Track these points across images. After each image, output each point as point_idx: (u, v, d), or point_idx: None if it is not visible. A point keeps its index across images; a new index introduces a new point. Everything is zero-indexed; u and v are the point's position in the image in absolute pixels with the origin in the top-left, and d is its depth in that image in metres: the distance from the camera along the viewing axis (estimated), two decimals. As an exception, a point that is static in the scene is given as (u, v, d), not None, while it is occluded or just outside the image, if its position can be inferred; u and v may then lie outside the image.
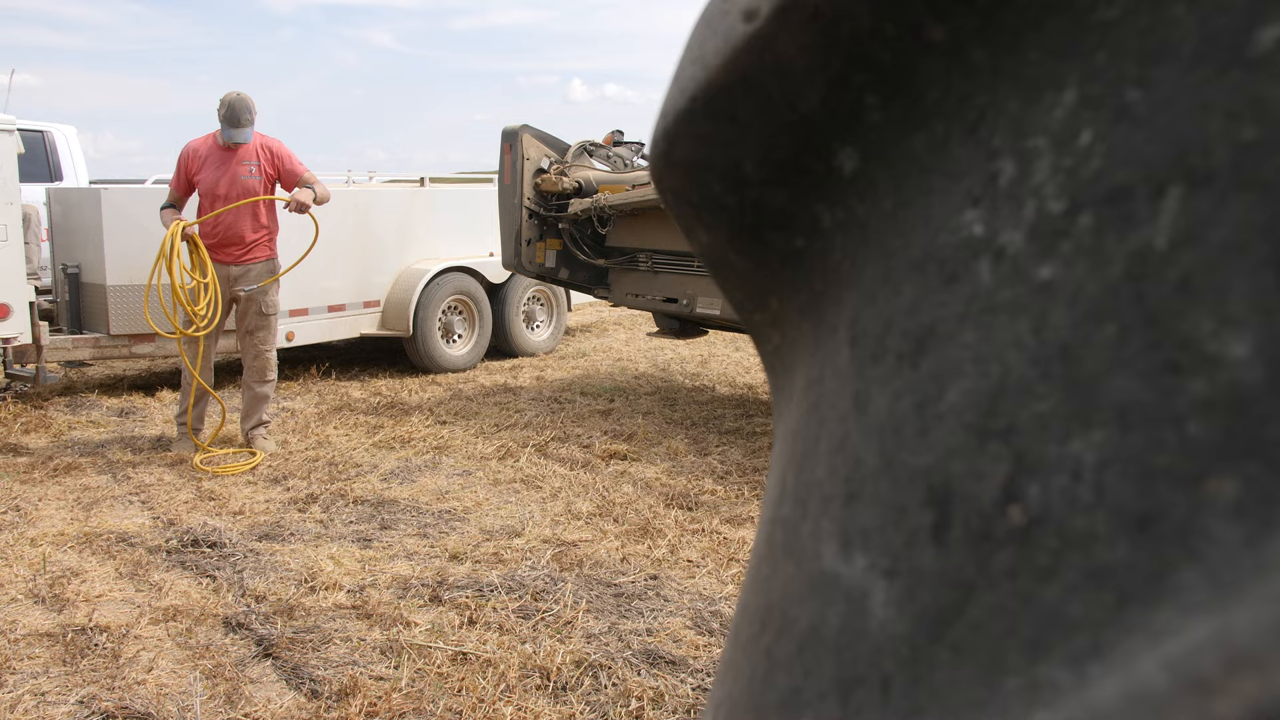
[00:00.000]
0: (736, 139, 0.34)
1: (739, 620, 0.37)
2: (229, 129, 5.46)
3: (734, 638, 0.37)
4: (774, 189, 0.35)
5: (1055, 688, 0.20)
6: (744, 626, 0.35)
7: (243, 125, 5.43)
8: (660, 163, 0.37)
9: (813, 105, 0.32)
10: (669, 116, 0.35)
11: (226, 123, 5.46)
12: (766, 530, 0.36)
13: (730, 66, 0.33)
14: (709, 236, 0.38)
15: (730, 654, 0.37)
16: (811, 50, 0.31)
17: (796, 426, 0.36)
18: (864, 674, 0.25)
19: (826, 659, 0.27)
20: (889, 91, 0.31)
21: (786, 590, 0.31)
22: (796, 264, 0.36)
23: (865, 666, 0.25)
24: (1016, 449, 0.24)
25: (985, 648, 0.22)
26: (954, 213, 0.29)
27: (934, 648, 0.24)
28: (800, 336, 0.38)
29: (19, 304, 5.52)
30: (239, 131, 5.45)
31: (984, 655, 0.22)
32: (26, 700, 2.98)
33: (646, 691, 3.00)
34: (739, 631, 0.36)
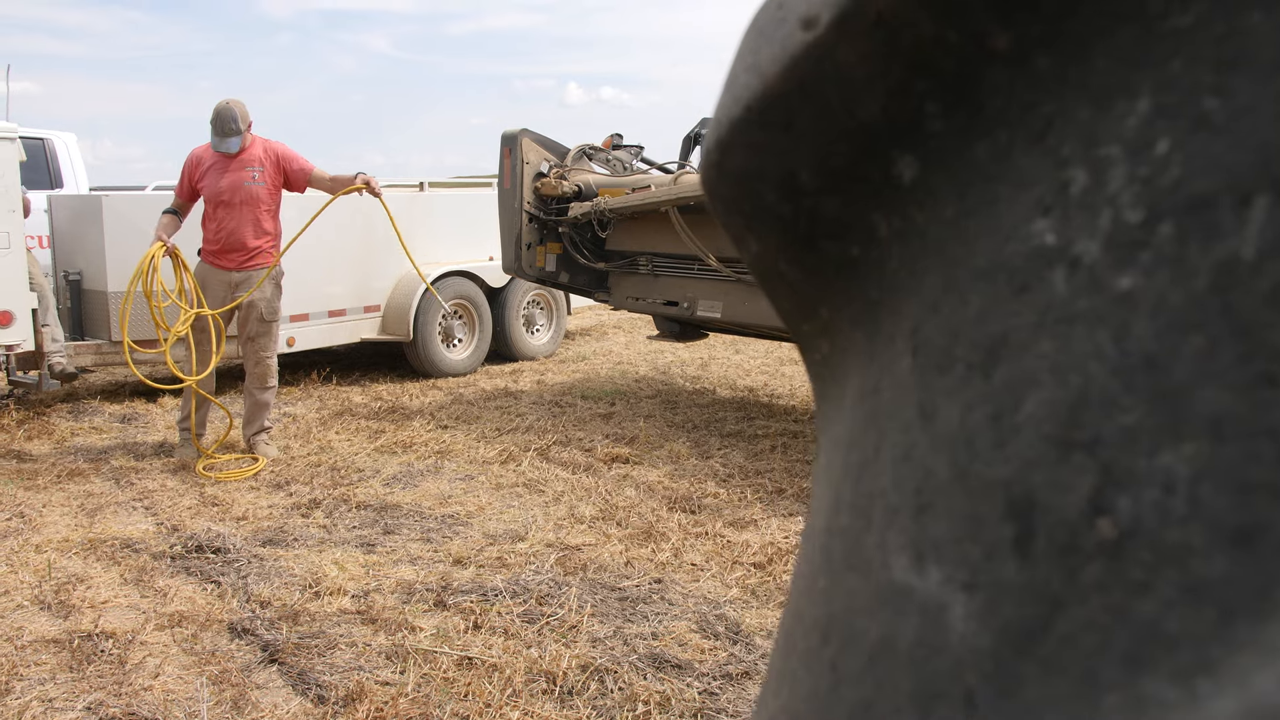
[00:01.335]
0: (793, 148, 0.34)
1: (793, 632, 0.36)
2: (216, 138, 5.46)
3: (787, 649, 0.37)
4: (830, 198, 0.35)
5: (1163, 704, 0.20)
6: (801, 638, 0.35)
7: (229, 134, 5.42)
8: (713, 172, 0.36)
9: (872, 113, 0.32)
10: (723, 125, 0.35)
11: (215, 131, 5.46)
12: (821, 541, 0.36)
13: (788, 75, 0.32)
14: (760, 246, 0.38)
15: (784, 666, 0.36)
16: (872, 58, 0.31)
17: (851, 436, 0.35)
18: (945, 688, 0.25)
19: (901, 672, 0.27)
20: (951, 100, 0.31)
21: (851, 602, 0.31)
22: (850, 273, 0.36)
23: (946, 680, 0.25)
24: (1103, 461, 0.24)
25: (1079, 662, 0.22)
26: (1023, 222, 0.29)
27: (1021, 662, 0.23)
28: (851, 346, 0.37)
29: (21, 311, 5.51)
30: (227, 140, 5.44)
31: (1078, 670, 0.22)
32: (34, 707, 2.97)
33: (653, 695, 3.00)
34: (795, 643, 0.36)
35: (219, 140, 5.44)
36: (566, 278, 6.93)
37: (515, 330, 8.57)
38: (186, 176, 5.61)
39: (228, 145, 5.44)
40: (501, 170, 6.76)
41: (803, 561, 0.39)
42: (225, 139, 5.43)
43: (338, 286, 7.51)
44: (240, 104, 5.48)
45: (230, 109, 5.41)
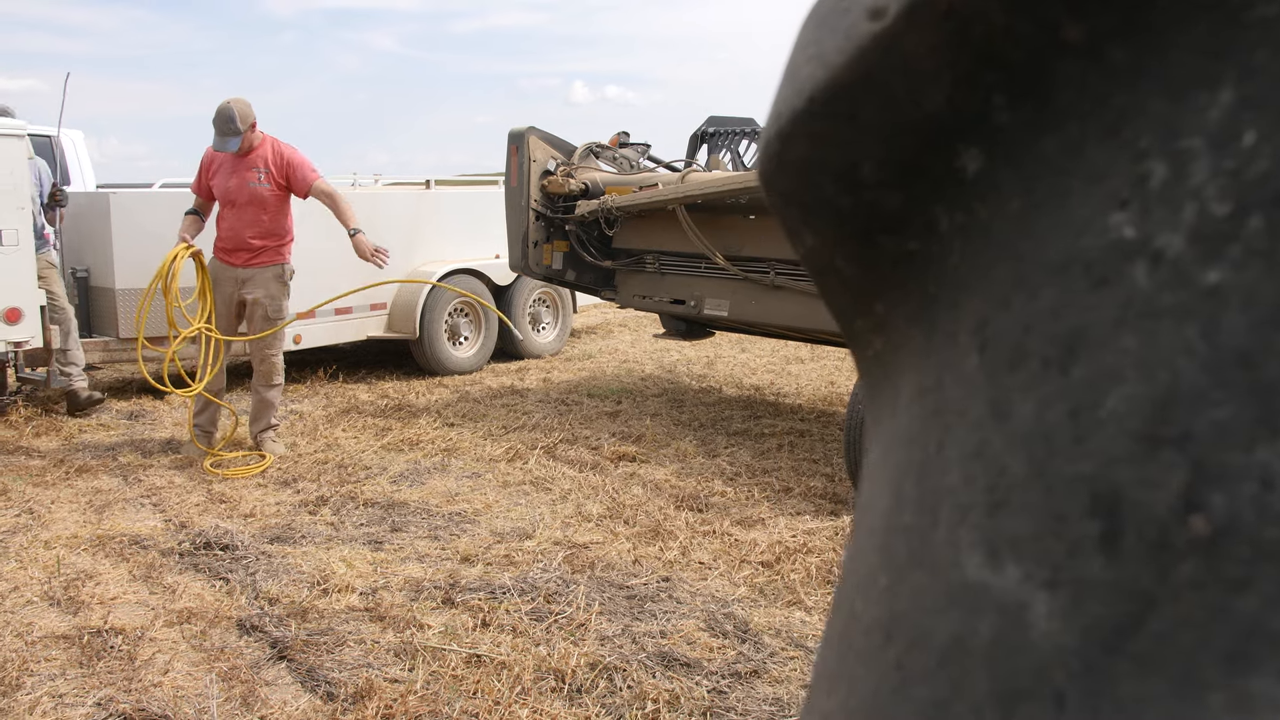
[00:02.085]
0: (855, 139, 0.34)
1: (848, 630, 0.36)
2: (217, 138, 5.46)
3: (842, 649, 0.36)
4: (891, 191, 0.34)
5: (1272, 702, 0.20)
6: (860, 637, 0.34)
7: (229, 134, 5.40)
8: (771, 164, 0.36)
9: (938, 105, 0.32)
10: (783, 117, 0.34)
11: (215, 131, 5.46)
12: (880, 539, 0.35)
13: (853, 65, 0.32)
14: (816, 240, 0.37)
15: (839, 666, 0.36)
16: (940, 49, 0.31)
17: (910, 433, 0.35)
18: (1029, 687, 0.25)
19: (979, 671, 0.27)
20: (1019, 92, 0.31)
21: (917, 601, 0.31)
22: (908, 268, 0.36)
23: (1029, 679, 0.25)
24: (1194, 457, 0.23)
25: (1176, 660, 0.22)
26: (1098, 215, 0.28)
27: (1113, 660, 0.23)
28: (907, 342, 0.37)
29: (30, 308, 5.52)
30: (226, 140, 5.42)
31: (1175, 668, 0.22)
32: (45, 702, 2.98)
33: (662, 694, 3.00)
34: (851, 642, 0.35)
35: (219, 140, 5.43)
36: (573, 276, 6.93)
37: (521, 328, 8.57)
38: (202, 174, 5.63)
39: (227, 145, 5.43)
40: (508, 168, 6.76)
41: (856, 559, 0.38)
42: (224, 139, 5.42)
43: (344, 284, 7.50)
44: (243, 103, 5.46)
45: (230, 109, 5.40)
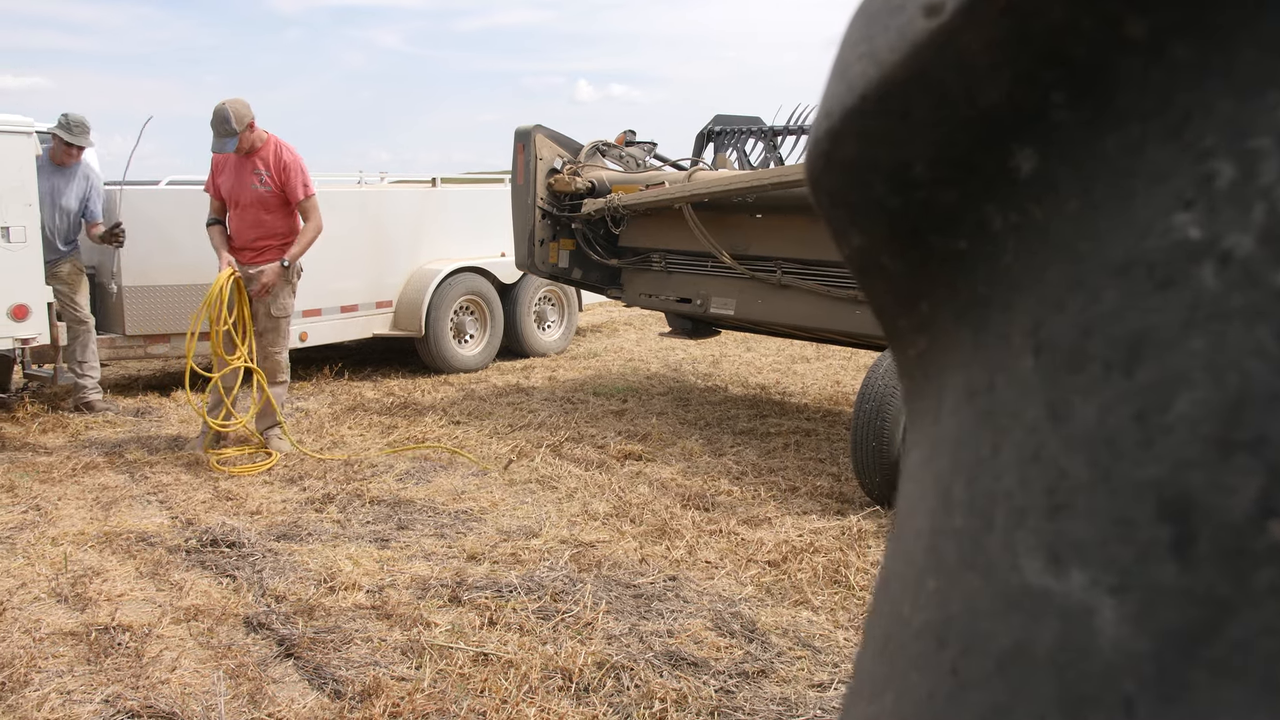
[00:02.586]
0: (908, 138, 0.33)
1: (893, 634, 0.36)
2: (214, 139, 5.46)
3: (888, 653, 0.36)
4: (943, 189, 0.34)
5: None
6: (909, 642, 0.34)
7: (225, 135, 5.39)
8: (820, 163, 0.36)
9: (994, 103, 0.32)
10: (834, 115, 0.34)
11: (213, 133, 5.46)
12: (928, 542, 0.35)
13: (908, 62, 0.32)
14: (863, 240, 0.37)
15: (884, 670, 0.36)
16: (999, 46, 0.30)
17: (958, 435, 0.35)
18: (1097, 693, 0.24)
19: (1042, 677, 0.26)
20: (1078, 90, 0.30)
21: (973, 605, 0.30)
22: (957, 267, 0.35)
23: (1097, 685, 0.25)
24: (1270, 461, 0.23)
25: (1259, 667, 0.22)
26: (1161, 216, 0.28)
27: (1189, 667, 0.23)
28: (954, 342, 0.37)
29: (37, 305, 5.53)
30: (222, 141, 5.42)
31: (1257, 675, 0.22)
32: (53, 699, 2.98)
33: (669, 693, 2.99)
34: (898, 646, 0.35)
35: (217, 142, 5.43)
36: (579, 274, 6.93)
37: (527, 326, 8.58)
38: (212, 176, 5.65)
39: (225, 146, 5.42)
40: (515, 166, 6.76)
41: (900, 562, 0.38)
42: (221, 140, 5.41)
43: (350, 282, 7.52)
44: (239, 103, 5.44)
45: (225, 110, 5.38)
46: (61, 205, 6.25)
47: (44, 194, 6.12)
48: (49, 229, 6.18)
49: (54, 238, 6.24)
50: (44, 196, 6.12)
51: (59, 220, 6.26)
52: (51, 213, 6.19)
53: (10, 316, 5.43)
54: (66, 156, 6.23)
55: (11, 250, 5.42)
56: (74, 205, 6.30)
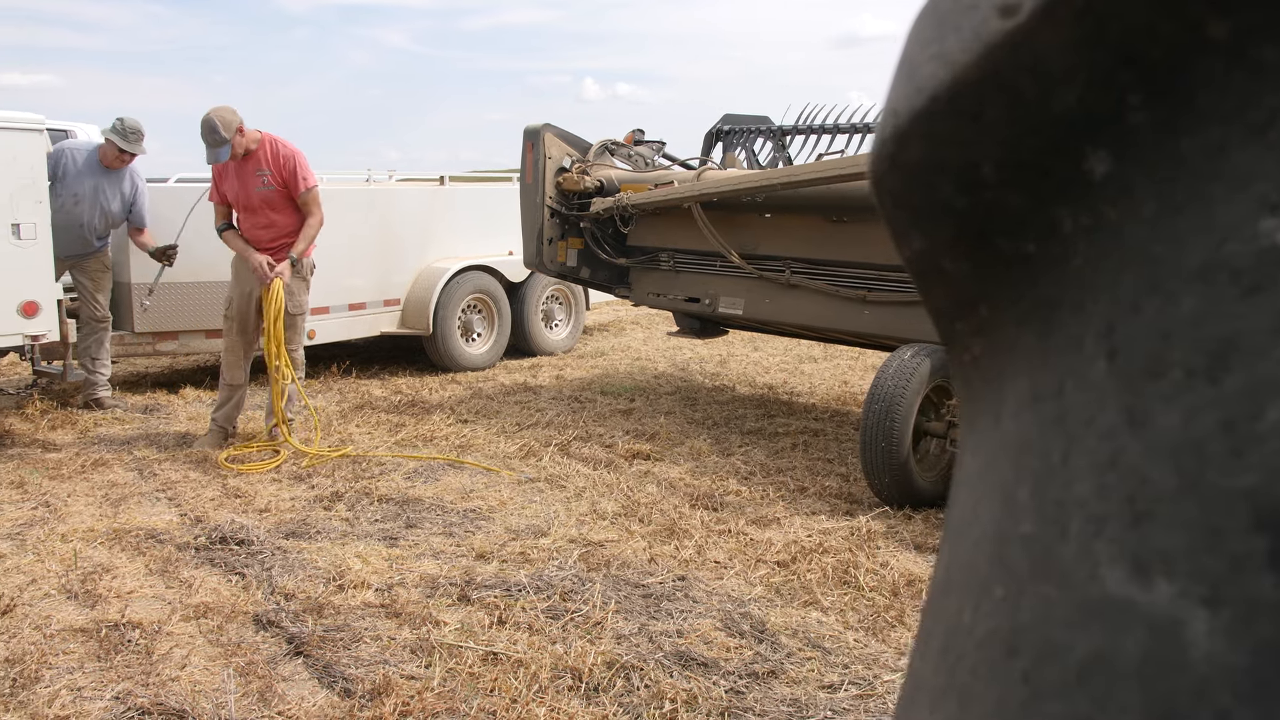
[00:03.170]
0: (977, 139, 0.33)
1: (955, 642, 0.35)
2: (207, 151, 5.46)
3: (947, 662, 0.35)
4: (1011, 192, 0.33)
5: None
6: (973, 650, 0.34)
7: (216, 144, 5.40)
8: (885, 164, 0.35)
9: (1068, 105, 0.31)
10: (902, 115, 0.34)
11: (205, 145, 5.47)
12: (991, 549, 0.34)
13: (980, 64, 0.31)
14: (925, 242, 0.37)
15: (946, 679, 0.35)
16: (1075, 47, 0.30)
17: (1023, 440, 0.34)
18: (1189, 707, 0.24)
19: (1127, 689, 0.26)
20: (1156, 91, 0.30)
21: (1046, 614, 0.30)
22: (1023, 270, 0.35)
23: (1189, 699, 0.24)
24: None
25: None
26: (1245, 221, 0.27)
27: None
28: (1016, 346, 0.36)
29: (47, 302, 5.53)
30: (215, 151, 5.42)
31: None
32: (64, 695, 2.98)
33: (680, 694, 2.99)
34: (960, 655, 0.34)
35: (210, 153, 5.45)
36: (588, 273, 6.92)
37: (534, 325, 8.58)
38: (215, 184, 5.67)
39: (219, 155, 5.43)
40: (524, 165, 6.76)
41: (958, 569, 0.37)
42: (214, 150, 5.42)
43: (358, 280, 7.52)
44: (224, 110, 5.43)
45: (211, 120, 5.37)
46: (103, 205, 6.27)
47: (86, 191, 6.16)
48: (86, 226, 6.22)
49: (89, 235, 6.28)
50: (86, 194, 6.16)
51: (98, 219, 6.29)
52: (92, 211, 6.22)
53: (20, 313, 5.43)
54: (118, 161, 6.25)
55: (21, 247, 5.43)
56: (116, 207, 6.33)
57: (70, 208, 6.12)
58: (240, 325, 5.72)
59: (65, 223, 6.11)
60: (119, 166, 6.27)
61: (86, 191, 6.15)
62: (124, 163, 6.26)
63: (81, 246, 6.26)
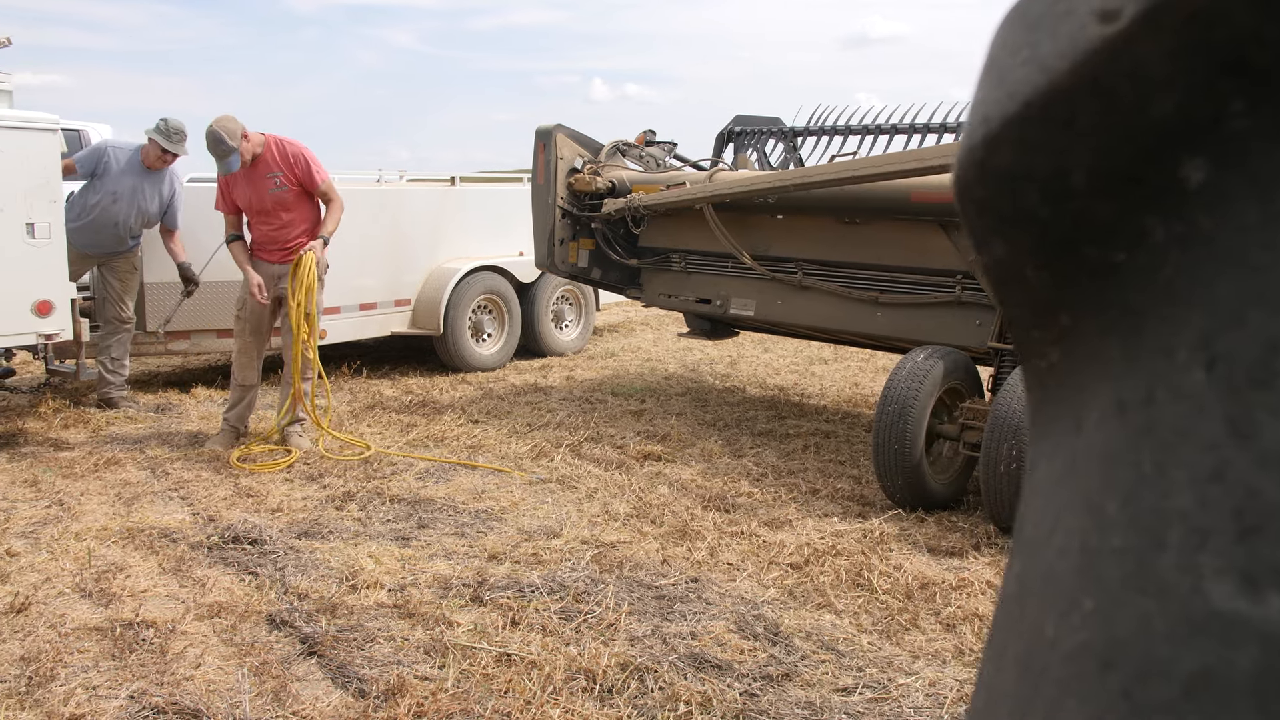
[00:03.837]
0: (1069, 147, 0.32)
1: (1039, 656, 0.35)
2: (218, 164, 5.49)
3: (1030, 675, 0.35)
4: (1101, 200, 0.33)
5: None
6: (1060, 664, 0.33)
7: (224, 155, 5.42)
8: (973, 171, 0.35)
9: (1165, 112, 0.31)
10: (993, 122, 0.33)
11: (214, 158, 5.49)
12: (1078, 561, 0.34)
13: (1077, 70, 0.31)
14: (1007, 250, 0.36)
15: (1027, 692, 0.35)
16: (1177, 54, 0.30)
17: (1109, 451, 0.34)
18: None
19: (1242, 704, 0.25)
20: (1261, 98, 0.29)
21: (1145, 628, 0.29)
22: (1109, 279, 0.34)
23: None
24: None
25: None
26: None
27: None
28: (1098, 355, 0.36)
29: (61, 301, 5.55)
30: (225, 162, 5.45)
31: None
32: (79, 694, 2.99)
33: (694, 696, 2.98)
34: (1049, 669, 0.34)
35: (221, 165, 5.48)
36: (599, 274, 6.92)
37: (544, 326, 8.58)
38: (224, 194, 5.68)
39: (230, 166, 5.46)
40: (535, 165, 6.76)
41: (1037, 580, 0.37)
42: (224, 161, 5.44)
43: (369, 280, 7.53)
44: (226, 120, 5.45)
45: (216, 132, 5.39)
46: (141, 205, 6.31)
47: (125, 190, 6.20)
48: (121, 224, 6.27)
49: (124, 233, 6.33)
50: (125, 192, 6.20)
51: (134, 219, 6.33)
52: (129, 210, 6.26)
53: (34, 312, 5.45)
54: (159, 161, 6.28)
55: (36, 247, 5.44)
56: (154, 208, 6.36)
57: (108, 205, 6.16)
58: (254, 326, 5.73)
59: (102, 220, 6.16)
60: (160, 167, 6.30)
61: (125, 190, 6.20)
62: (165, 163, 6.29)
63: (115, 245, 6.31)
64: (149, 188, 6.29)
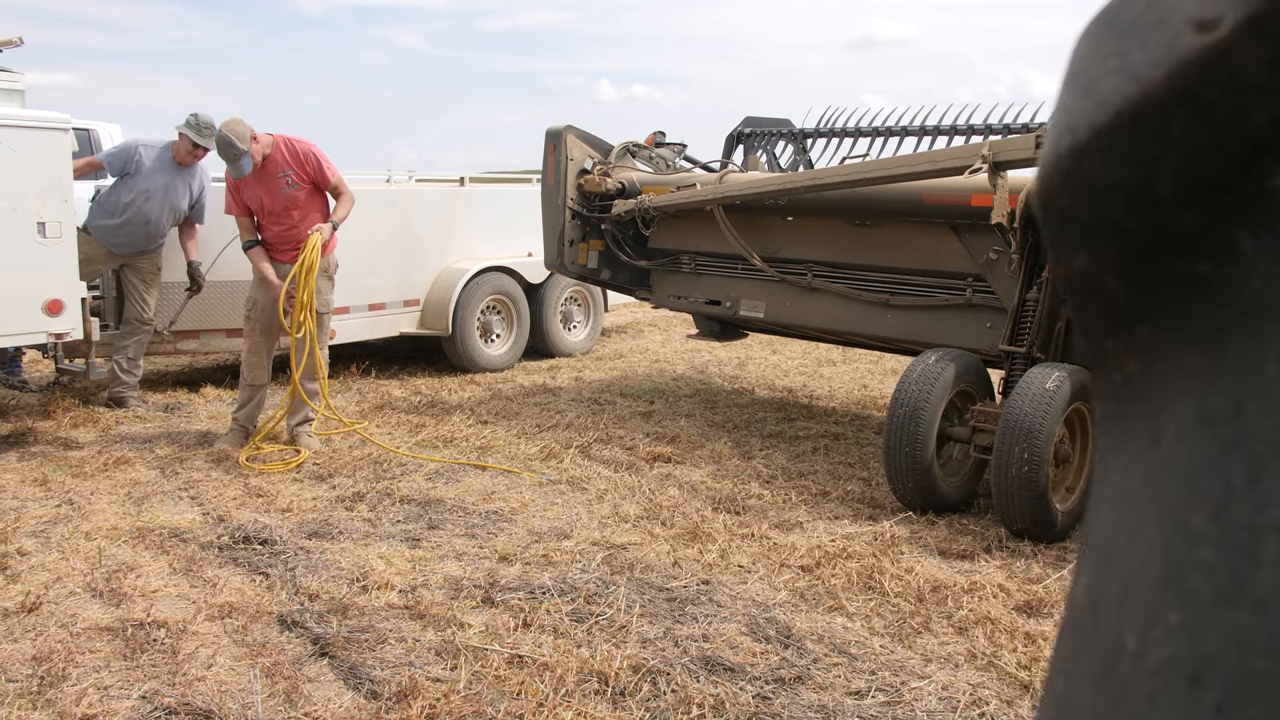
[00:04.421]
0: (1159, 157, 0.32)
1: (1119, 669, 0.34)
2: (230, 167, 5.49)
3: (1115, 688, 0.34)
4: (1189, 211, 0.32)
5: None
6: (1145, 677, 0.32)
7: (236, 159, 5.43)
8: (1058, 180, 0.34)
9: (1260, 122, 0.30)
10: (1079, 131, 0.33)
11: (225, 162, 5.49)
12: (1161, 573, 0.33)
13: (1171, 80, 0.30)
14: (1089, 260, 0.36)
15: (1114, 705, 0.34)
16: (1276, 63, 0.29)
17: (1194, 463, 0.33)
18: None
19: None
20: None
21: (1240, 643, 0.29)
22: (1194, 291, 0.34)
23: None
24: None
25: None
26: None
27: None
28: (1180, 367, 0.35)
29: (71, 300, 5.56)
30: (237, 165, 5.46)
31: None
32: (91, 694, 2.99)
33: (707, 699, 2.98)
34: (1131, 682, 0.33)
35: (234, 169, 5.48)
36: (608, 275, 6.92)
37: (553, 326, 8.58)
38: (234, 197, 5.68)
39: (242, 169, 5.46)
40: (545, 166, 6.76)
41: (1113, 590, 0.36)
42: (236, 165, 5.45)
43: (378, 280, 7.54)
44: (234, 124, 5.46)
45: (227, 137, 5.40)
46: (173, 203, 6.34)
47: (157, 188, 6.22)
48: (153, 223, 6.29)
49: (154, 232, 6.36)
50: (157, 191, 6.22)
51: (166, 216, 6.35)
52: (161, 208, 6.28)
53: (45, 311, 5.46)
54: (190, 157, 6.30)
55: (47, 245, 5.45)
56: (184, 206, 6.39)
57: (140, 204, 6.19)
58: (264, 326, 5.73)
59: (135, 219, 6.19)
60: (191, 163, 6.32)
61: (158, 188, 6.22)
62: (196, 158, 6.31)
63: (145, 243, 6.34)
64: (180, 185, 6.32)
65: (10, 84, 5.82)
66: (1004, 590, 3.78)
